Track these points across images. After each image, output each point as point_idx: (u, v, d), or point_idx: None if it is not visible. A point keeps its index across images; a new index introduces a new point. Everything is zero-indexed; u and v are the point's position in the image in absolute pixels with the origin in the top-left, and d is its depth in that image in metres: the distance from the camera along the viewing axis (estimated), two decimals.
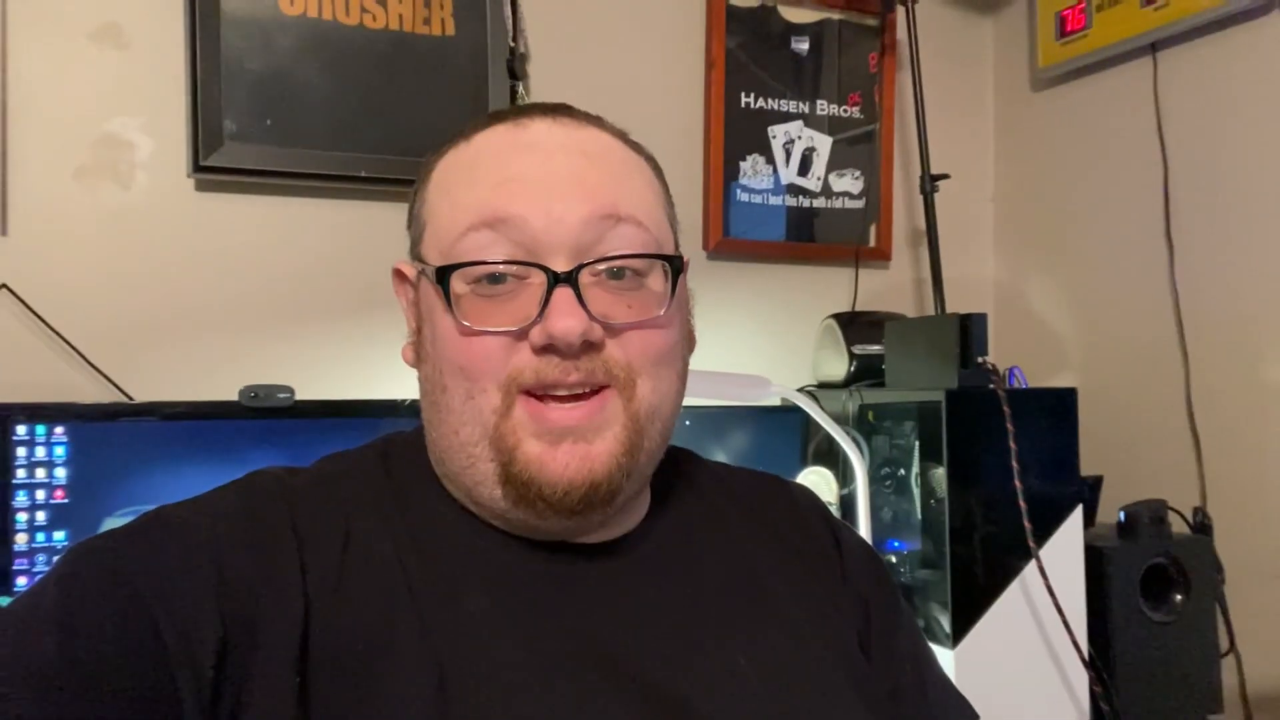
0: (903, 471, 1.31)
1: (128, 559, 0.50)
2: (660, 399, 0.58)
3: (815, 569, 0.66)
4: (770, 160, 1.69)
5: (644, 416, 0.57)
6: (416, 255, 0.61)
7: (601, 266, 0.56)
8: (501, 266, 0.55)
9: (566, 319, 0.53)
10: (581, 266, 0.55)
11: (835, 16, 1.73)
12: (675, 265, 0.59)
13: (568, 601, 0.57)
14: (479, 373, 0.55)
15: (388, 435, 0.65)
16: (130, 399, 1.26)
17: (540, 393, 0.55)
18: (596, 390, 0.56)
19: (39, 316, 1.24)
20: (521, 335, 0.55)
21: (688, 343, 0.63)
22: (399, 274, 0.64)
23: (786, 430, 1.45)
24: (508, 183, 0.56)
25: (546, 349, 0.54)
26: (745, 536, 0.66)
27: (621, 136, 0.62)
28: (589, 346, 0.54)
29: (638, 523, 0.63)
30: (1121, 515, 1.28)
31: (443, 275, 0.55)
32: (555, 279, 0.54)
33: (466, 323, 0.55)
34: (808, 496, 0.73)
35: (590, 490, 0.55)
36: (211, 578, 0.51)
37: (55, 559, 1.08)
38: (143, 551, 0.51)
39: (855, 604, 0.67)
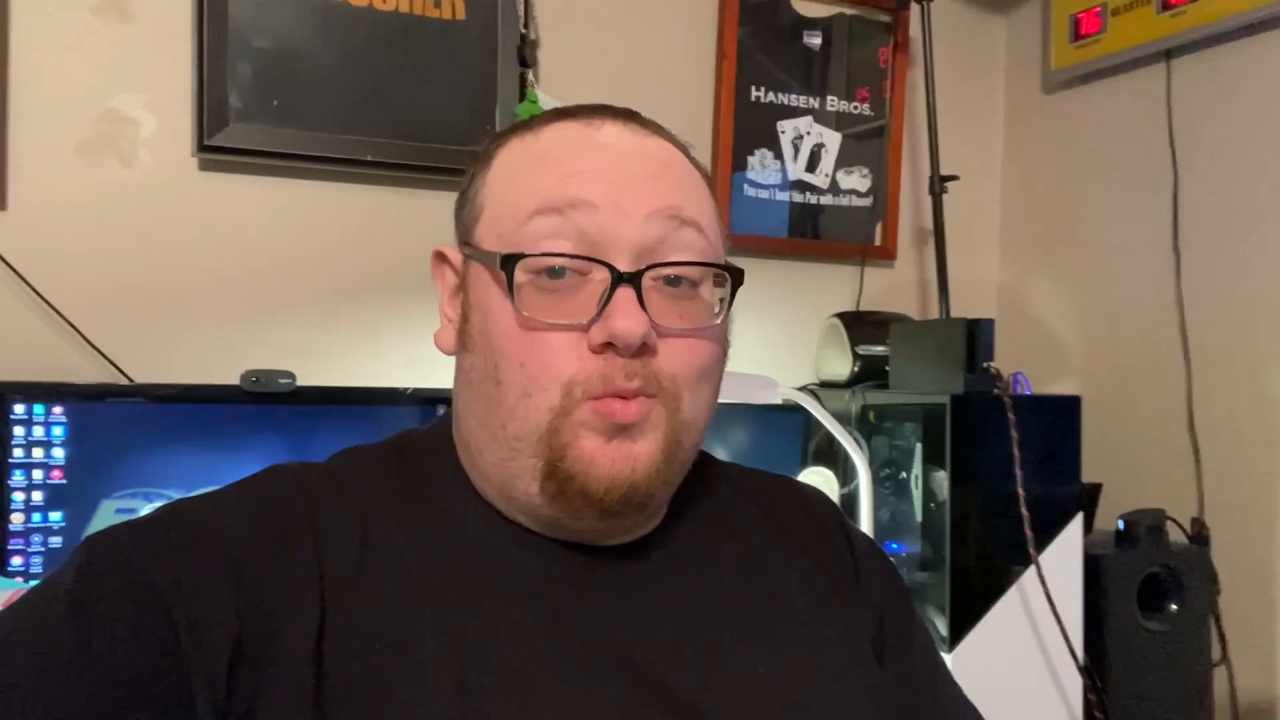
0: (903, 474, 1.31)
1: (145, 552, 0.50)
2: (697, 413, 0.58)
3: (830, 574, 0.66)
4: (779, 155, 1.68)
5: (682, 429, 0.57)
6: (467, 240, 0.60)
7: (667, 271, 0.56)
8: (567, 261, 0.55)
9: (629, 319, 0.53)
10: (646, 269, 0.55)
11: (848, 11, 1.72)
12: (737, 278, 0.59)
13: (588, 605, 0.57)
14: (540, 370, 0.54)
15: (403, 433, 0.65)
16: (129, 380, 1.25)
17: (608, 396, 0.54)
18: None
19: (39, 294, 1.23)
20: (581, 330, 0.54)
21: (726, 353, 0.63)
22: (440, 257, 0.63)
23: (787, 429, 1.45)
24: (580, 174, 0.56)
25: (604, 349, 0.54)
26: (761, 540, 0.66)
27: (684, 150, 0.62)
28: (643, 349, 0.54)
29: (656, 524, 0.62)
30: (1120, 524, 1.29)
31: (507, 262, 0.55)
32: (619, 278, 0.54)
33: (527, 313, 0.54)
34: (822, 500, 0.73)
35: (630, 491, 0.54)
36: (228, 575, 0.50)
37: (67, 546, 1.08)
38: (160, 545, 0.51)
39: (870, 610, 0.66)
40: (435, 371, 1.25)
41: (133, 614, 0.48)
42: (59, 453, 1.08)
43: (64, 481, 1.08)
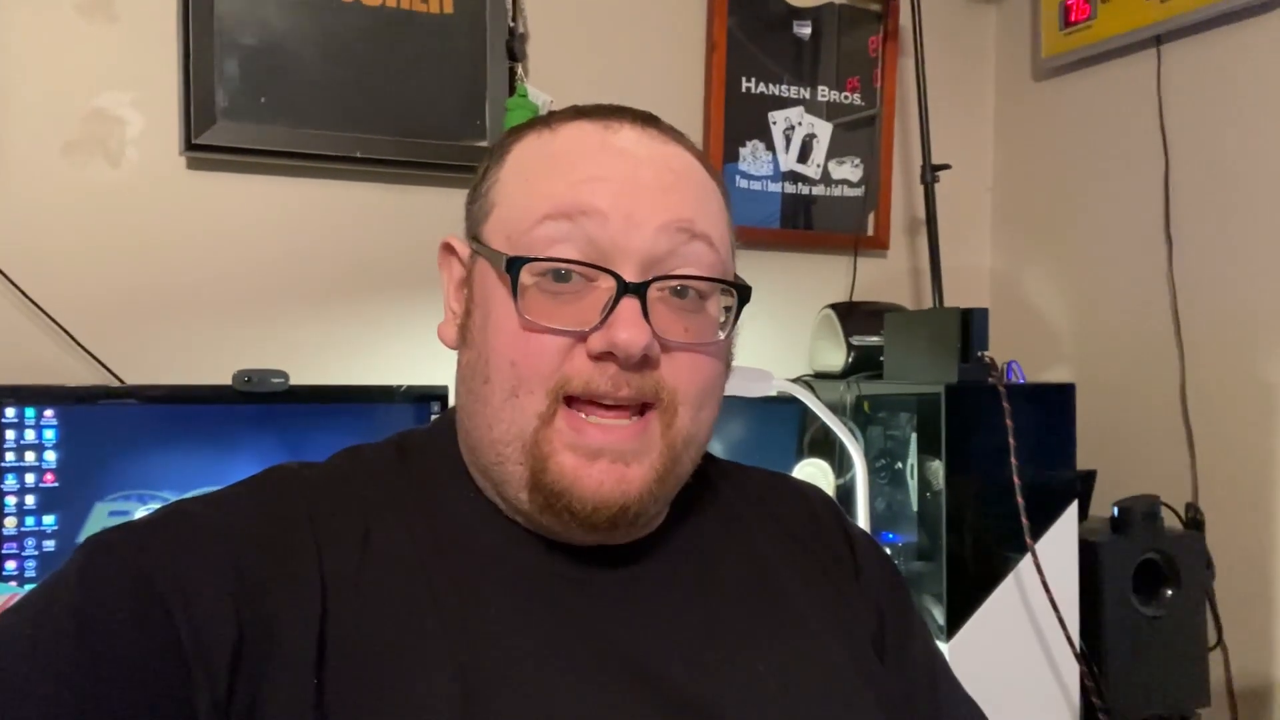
0: (899, 464, 1.31)
1: (146, 554, 0.50)
2: (698, 429, 0.58)
3: (830, 571, 0.67)
4: (770, 146, 1.67)
5: (680, 444, 0.56)
6: (476, 235, 0.60)
7: (673, 283, 0.56)
8: (574, 266, 0.54)
9: (632, 329, 0.53)
10: (652, 280, 0.54)
11: (838, 0, 1.71)
12: (744, 294, 0.59)
13: (590, 605, 0.57)
14: (530, 372, 0.54)
15: (403, 432, 0.65)
16: (120, 381, 1.24)
17: (585, 399, 0.54)
18: (640, 410, 0.55)
19: (27, 296, 1.22)
20: (580, 338, 0.54)
21: (729, 368, 0.63)
22: (448, 248, 0.62)
23: (783, 421, 1.45)
24: (592, 180, 0.55)
25: (603, 357, 0.53)
26: (761, 538, 0.66)
27: (701, 159, 0.61)
28: (645, 362, 0.54)
29: (658, 525, 0.62)
30: (1115, 510, 1.29)
31: (513, 265, 0.54)
32: (625, 288, 0.53)
33: (529, 316, 0.54)
34: (821, 498, 0.73)
35: (620, 512, 0.54)
36: (229, 576, 0.50)
37: (61, 549, 1.07)
38: (161, 547, 0.51)
39: (869, 607, 0.67)
40: (429, 368, 1.25)
41: (134, 615, 0.48)
42: (51, 456, 1.07)
43: (56, 485, 1.08)
